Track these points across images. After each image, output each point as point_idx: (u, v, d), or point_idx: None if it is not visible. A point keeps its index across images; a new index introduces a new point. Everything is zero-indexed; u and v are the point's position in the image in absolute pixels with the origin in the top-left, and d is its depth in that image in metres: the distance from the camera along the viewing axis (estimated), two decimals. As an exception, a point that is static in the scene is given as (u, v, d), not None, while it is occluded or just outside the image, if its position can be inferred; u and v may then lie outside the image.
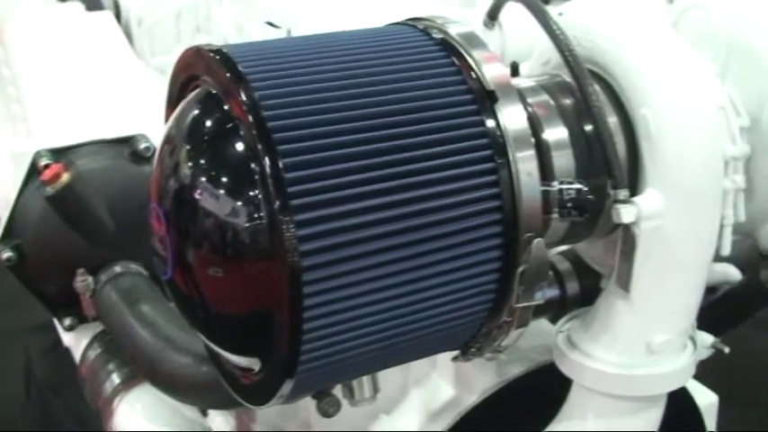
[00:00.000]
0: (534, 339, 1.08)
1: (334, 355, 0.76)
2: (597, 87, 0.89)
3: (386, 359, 0.83)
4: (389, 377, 0.92)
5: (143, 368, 1.21)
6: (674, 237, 0.86)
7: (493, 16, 1.09)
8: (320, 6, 1.53)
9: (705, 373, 1.49)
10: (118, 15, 2.10)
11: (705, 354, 1.11)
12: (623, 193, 0.85)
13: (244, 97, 0.73)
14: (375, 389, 0.87)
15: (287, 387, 0.75)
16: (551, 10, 1.05)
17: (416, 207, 0.75)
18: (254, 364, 0.79)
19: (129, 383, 1.32)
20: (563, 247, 1.08)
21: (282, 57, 0.79)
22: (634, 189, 0.88)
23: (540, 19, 0.90)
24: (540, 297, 0.81)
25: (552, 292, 1.08)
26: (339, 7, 1.51)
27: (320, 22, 1.46)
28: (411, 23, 0.88)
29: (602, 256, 0.98)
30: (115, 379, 1.34)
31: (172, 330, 1.18)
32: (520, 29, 1.10)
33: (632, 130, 0.89)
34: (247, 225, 0.72)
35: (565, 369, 0.94)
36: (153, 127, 1.34)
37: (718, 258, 1.02)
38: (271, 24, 1.59)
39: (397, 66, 0.81)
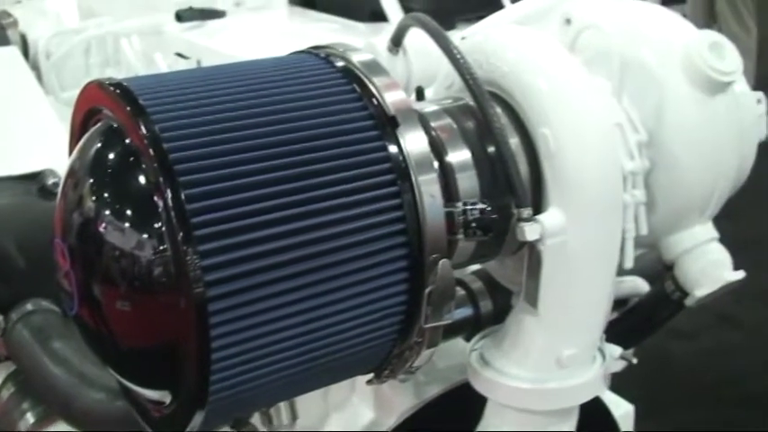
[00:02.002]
0: (451, 359, 1.10)
1: (246, 383, 0.76)
2: (499, 109, 0.91)
3: (299, 385, 0.83)
4: (309, 403, 0.92)
5: (57, 406, 1.20)
6: (578, 252, 0.88)
7: (397, 42, 1.11)
8: (228, 36, 1.53)
9: (624, 383, 1.52)
10: (25, 50, 2.07)
11: (618, 366, 1.13)
12: (527, 212, 0.87)
13: (144, 130, 0.73)
14: (294, 415, 0.87)
15: (198, 418, 0.75)
16: (456, 34, 1.08)
17: (322, 233, 0.76)
18: (164, 396, 0.79)
19: (43, 422, 1.30)
20: (475, 267, 1.10)
21: (184, 88, 0.79)
22: (538, 207, 0.90)
23: (441, 44, 0.91)
24: (448, 317, 0.82)
25: (466, 312, 1.09)
26: (247, 37, 1.52)
27: (229, 52, 1.46)
28: (313, 52, 0.89)
29: (511, 273, 1.00)
30: (29, 418, 1.31)
31: (85, 367, 1.16)
32: (424, 54, 1.11)
33: (534, 150, 0.91)
34: (152, 257, 0.72)
35: (478, 386, 0.96)
36: (61, 162, 1.33)
37: (627, 271, 1.05)
38: (180, 55, 1.59)
39: (300, 94, 0.82)
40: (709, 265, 1.00)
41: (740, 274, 1.00)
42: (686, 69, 0.95)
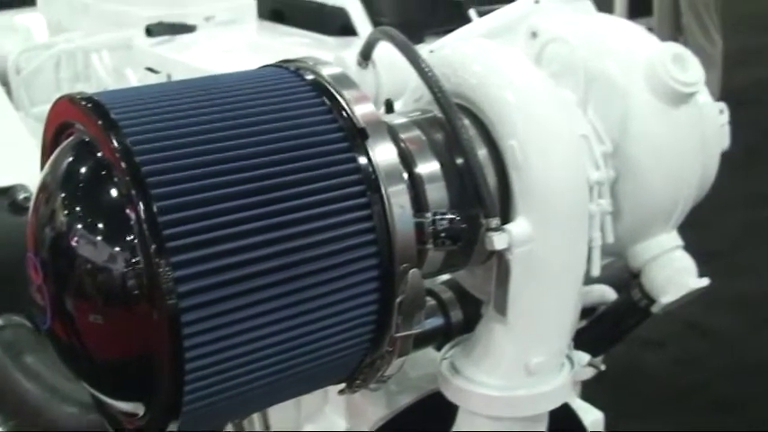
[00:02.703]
0: (423, 368, 1.10)
1: (219, 394, 0.76)
2: (467, 121, 0.92)
3: (272, 396, 0.84)
4: (282, 413, 0.93)
5: (29, 420, 1.19)
6: (545, 261, 0.90)
7: (366, 56, 1.12)
8: (199, 51, 1.54)
9: (594, 391, 1.54)
10: (-6, 65, 2.07)
11: (587, 373, 1.15)
12: (495, 222, 0.88)
13: (116, 144, 0.74)
14: (266, 426, 0.87)
15: (172, 430, 0.75)
16: (425, 47, 1.09)
17: (293, 244, 0.77)
18: (137, 409, 0.79)
19: (15, 437, 1.29)
20: (445, 277, 1.11)
21: (155, 101, 0.80)
22: (506, 217, 0.91)
23: (409, 57, 0.93)
24: (419, 326, 0.84)
25: (437, 321, 1.10)
26: (217, 51, 1.53)
27: (200, 66, 1.47)
28: (283, 65, 0.90)
29: (480, 283, 1.01)
30: (1, 433, 1.31)
31: (57, 381, 1.16)
32: (393, 67, 1.13)
33: (501, 161, 0.92)
34: (125, 270, 0.73)
35: (449, 395, 0.97)
36: (32, 177, 1.33)
37: (595, 280, 1.07)
38: (150, 70, 1.60)
39: (270, 107, 0.83)
40: (674, 273, 1.02)
41: (705, 281, 1.02)
42: (650, 81, 0.97)
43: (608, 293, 1.18)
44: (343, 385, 0.90)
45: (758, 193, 4.25)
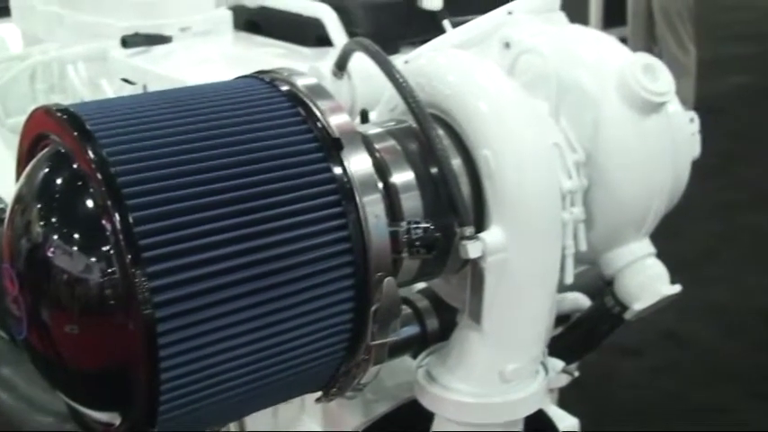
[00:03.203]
0: (399, 377, 1.11)
1: (195, 403, 0.77)
2: (441, 131, 0.93)
3: (249, 404, 0.84)
4: (259, 422, 0.93)
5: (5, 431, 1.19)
6: (519, 268, 0.91)
7: (341, 66, 1.13)
8: (175, 62, 1.54)
9: (571, 398, 1.55)
10: (-31, 77, 2.05)
11: (563, 380, 1.16)
12: (469, 230, 0.89)
13: (92, 155, 0.74)
14: (243, 436, 0.88)
15: (148, 439, 0.76)
16: (400, 57, 1.10)
17: (269, 253, 0.77)
18: (114, 418, 0.79)
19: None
20: (421, 285, 1.12)
21: (131, 113, 0.81)
22: (480, 226, 0.92)
23: (384, 68, 0.94)
24: (394, 334, 0.84)
25: (413, 330, 1.10)
26: (193, 62, 1.53)
27: (176, 76, 1.47)
28: (259, 76, 0.91)
29: (455, 291, 1.02)
30: (-23, 446, 1.30)
31: (33, 392, 1.16)
32: (368, 77, 1.14)
33: (475, 171, 0.93)
34: (101, 280, 0.73)
35: (426, 402, 0.97)
36: (7, 188, 1.32)
37: (569, 287, 1.08)
38: (126, 81, 1.60)
39: (245, 117, 0.83)
40: (646, 280, 1.03)
41: (677, 288, 1.03)
42: (621, 91, 0.99)
43: (582, 301, 1.20)
44: (319, 393, 0.90)
45: (731, 200, 4.29)
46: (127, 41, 1.69)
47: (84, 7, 1.85)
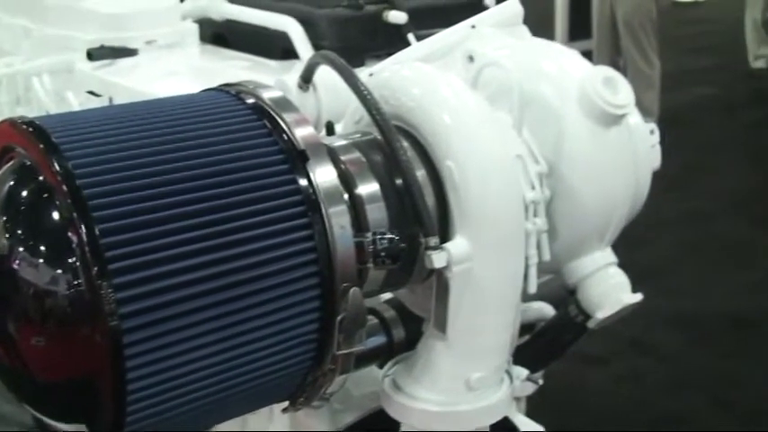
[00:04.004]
0: (366, 387, 1.12)
1: (162, 413, 0.77)
2: (405, 143, 0.94)
3: (216, 414, 0.85)
4: (227, 433, 0.93)
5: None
6: (483, 278, 0.92)
7: (307, 79, 1.14)
8: (141, 74, 1.54)
9: (537, 407, 1.56)
10: (-66, 89, 2.04)
11: (528, 389, 1.17)
12: (434, 241, 0.90)
13: (57, 167, 0.74)
14: (211, 446, 0.88)
15: (115, 450, 0.76)
16: (365, 70, 1.11)
17: (235, 264, 0.78)
18: (80, 429, 0.79)
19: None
20: (388, 296, 1.12)
21: (97, 125, 0.81)
22: (445, 236, 0.93)
23: (349, 81, 0.95)
24: (360, 344, 0.85)
25: (379, 340, 1.11)
26: (159, 75, 1.53)
27: (141, 89, 1.47)
28: (224, 89, 0.92)
29: (421, 301, 1.03)
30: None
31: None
32: (333, 90, 1.15)
33: (440, 182, 0.94)
34: (67, 292, 0.73)
35: (392, 412, 0.98)
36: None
37: (533, 297, 1.09)
38: (92, 93, 1.60)
39: (211, 130, 0.84)
40: (609, 289, 1.04)
41: (638, 297, 1.05)
42: (582, 103, 1.00)
43: (546, 310, 1.21)
44: (287, 403, 0.91)
45: (697, 210, 4.33)
46: (93, 54, 1.69)
47: (50, 20, 1.85)
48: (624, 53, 5.21)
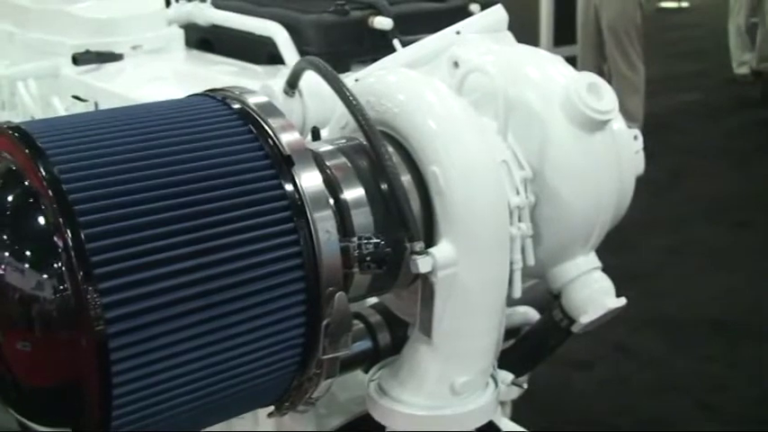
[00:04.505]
0: (352, 391, 1.12)
1: (148, 418, 0.77)
2: (391, 148, 0.95)
3: (202, 419, 0.85)
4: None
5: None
6: (469, 283, 0.93)
7: (292, 85, 1.14)
8: (126, 79, 1.54)
9: (523, 411, 1.57)
10: None
11: (513, 393, 1.17)
12: (419, 245, 0.91)
13: (43, 172, 0.74)
14: (196, 451, 0.88)
15: (100, 455, 0.76)
16: (350, 76, 1.12)
17: (221, 269, 0.78)
18: (66, 434, 0.80)
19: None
20: (373, 300, 1.13)
21: (83, 130, 0.81)
22: (430, 241, 0.94)
23: (334, 86, 0.95)
24: (345, 348, 0.85)
25: (365, 345, 1.12)
26: (144, 80, 1.53)
27: (127, 94, 1.47)
28: (210, 94, 0.92)
29: (407, 305, 1.04)
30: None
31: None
32: (319, 96, 1.15)
33: (425, 187, 0.95)
34: (53, 297, 0.73)
35: (377, 416, 0.99)
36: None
37: (518, 301, 1.10)
38: (77, 98, 1.60)
39: (197, 135, 0.84)
40: (593, 293, 1.05)
41: (622, 301, 1.05)
42: (566, 109, 1.01)
43: (531, 315, 1.22)
44: (272, 408, 0.91)
45: (681, 215, 4.36)
46: (78, 59, 1.69)
47: (35, 25, 1.85)
48: (609, 59, 5.24)
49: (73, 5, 1.84)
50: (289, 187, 0.83)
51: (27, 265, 0.75)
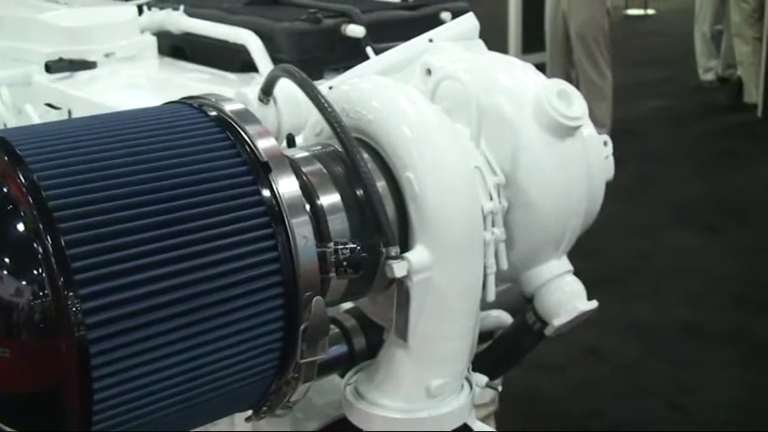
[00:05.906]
0: (329, 395, 1.13)
1: (128, 423, 0.78)
2: (366, 155, 0.96)
3: (180, 423, 0.85)
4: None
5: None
6: (443, 287, 0.94)
7: (267, 92, 1.15)
8: (100, 87, 1.55)
9: (495, 414, 1.59)
10: None
11: (487, 395, 1.19)
12: (394, 250, 0.92)
13: (22, 179, 0.75)
14: (174, 456, 0.88)
15: (81, 461, 0.76)
16: (324, 83, 1.13)
17: (199, 275, 0.79)
18: (46, 439, 0.80)
19: None
20: (348, 305, 1.14)
21: (62, 138, 0.82)
22: (405, 246, 0.95)
23: (309, 93, 0.96)
24: (323, 352, 0.86)
25: (340, 349, 1.13)
26: (118, 87, 1.54)
27: (101, 102, 1.47)
28: (187, 102, 0.93)
29: (382, 310, 1.05)
30: None
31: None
32: (294, 103, 1.16)
33: (400, 193, 0.96)
34: (33, 303, 0.74)
35: (353, 419, 1.00)
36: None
37: (492, 305, 1.11)
38: (51, 106, 1.60)
39: (175, 142, 0.85)
40: (565, 297, 1.07)
41: (593, 304, 1.07)
42: (537, 115, 1.03)
43: (504, 318, 1.23)
44: (250, 412, 0.92)
45: (651, 220, 4.41)
46: (51, 67, 1.69)
47: (7, 33, 1.85)
48: (577, 65, 5.28)
49: (46, 13, 1.84)
50: (266, 193, 0.84)
51: (6, 272, 0.75)
